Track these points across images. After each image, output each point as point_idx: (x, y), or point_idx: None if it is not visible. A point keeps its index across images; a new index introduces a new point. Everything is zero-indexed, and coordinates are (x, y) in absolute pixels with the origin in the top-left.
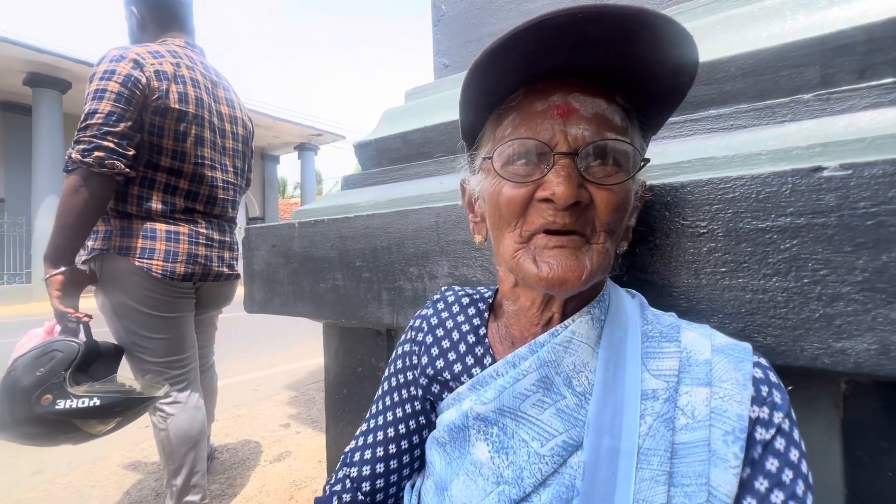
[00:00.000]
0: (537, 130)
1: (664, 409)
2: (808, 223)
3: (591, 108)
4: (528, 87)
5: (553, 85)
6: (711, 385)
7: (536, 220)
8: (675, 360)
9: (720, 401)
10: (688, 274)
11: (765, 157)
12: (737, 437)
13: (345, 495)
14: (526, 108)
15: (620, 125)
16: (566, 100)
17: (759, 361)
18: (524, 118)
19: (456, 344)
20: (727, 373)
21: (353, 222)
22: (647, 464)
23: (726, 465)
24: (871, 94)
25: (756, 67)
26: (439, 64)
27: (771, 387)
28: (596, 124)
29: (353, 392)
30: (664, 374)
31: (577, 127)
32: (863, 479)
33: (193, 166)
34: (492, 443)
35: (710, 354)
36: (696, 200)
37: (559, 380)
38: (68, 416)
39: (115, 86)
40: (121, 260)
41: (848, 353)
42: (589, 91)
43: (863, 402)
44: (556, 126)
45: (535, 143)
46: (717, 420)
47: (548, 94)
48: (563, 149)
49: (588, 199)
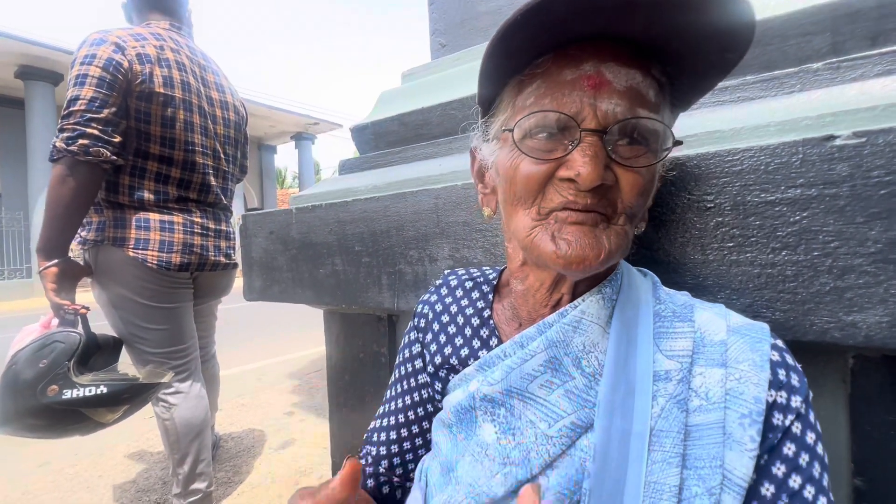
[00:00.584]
0: (563, 102)
1: (677, 391)
2: (819, 194)
3: (625, 81)
4: (557, 52)
5: (585, 51)
6: (727, 366)
7: (556, 199)
8: (689, 340)
9: (736, 382)
10: (694, 249)
11: (773, 129)
12: (754, 420)
13: (368, 469)
14: (554, 75)
15: (654, 101)
16: (599, 69)
17: (776, 343)
18: (550, 87)
19: (462, 328)
20: (743, 353)
21: (352, 206)
22: (660, 446)
23: (742, 449)
24: (884, 61)
25: (763, 37)
26: (436, 44)
27: (788, 369)
28: (629, 99)
29: (356, 378)
30: (677, 354)
31: (608, 101)
32: (869, 452)
33: (184, 153)
34: (498, 424)
35: (726, 335)
36: (702, 174)
37: (568, 360)
38: (76, 405)
39: (96, 70)
40: (115, 251)
41: (859, 326)
42: (624, 60)
43: (870, 377)
44: (584, 98)
45: (561, 116)
46: (733, 402)
47: (579, 62)
48: (591, 125)
49: (613, 180)
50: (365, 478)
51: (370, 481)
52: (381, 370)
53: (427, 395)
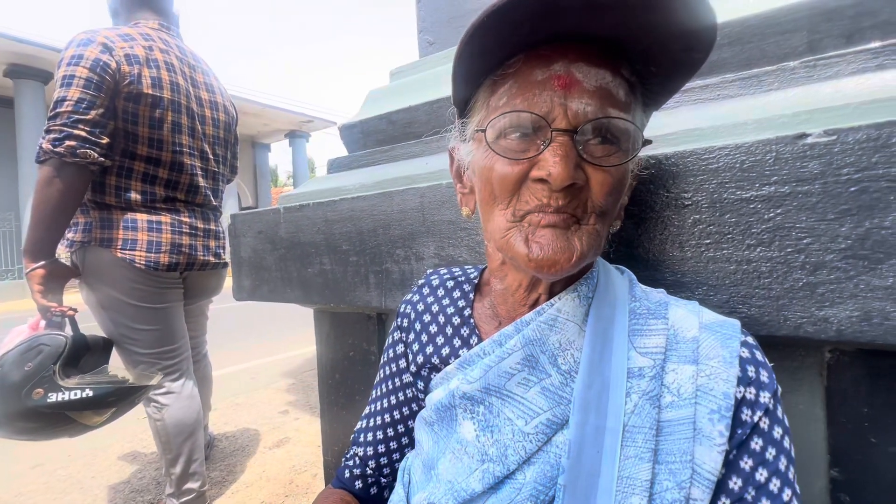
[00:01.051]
0: (534, 102)
1: (650, 387)
2: (792, 191)
3: (595, 81)
4: (529, 52)
5: (556, 51)
6: (698, 363)
7: (531, 201)
8: (662, 337)
9: (706, 379)
10: (672, 246)
11: (751, 126)
12: (722, 415)
13: (356, 470)
14: (525, 75)
15: (624, 100)
16: (569, 69)
17: (745, 340)
18: (521, 87)
19: (443, 327)
20: (714, 350)
21: (339, 206)
22: (632, 441)
23: (711, 444)
24: (858, 60)
25: (743, 35)
26: (423, 42)
27: (758, 366)
28: (599, 99)
29: (346, 377)
30: (651, 351)
31: (578, 101)
32: (846, 445)
33: (172, 154)
34: (478, 421)
35: (698, 331)
36: (680, 172)
37: (544, 358)
38: (61, 408)
39: (83, 71)
40: (103, 252)
41: (830, 321)
42: (594, 60)
43: (846, 371)
44: (555, 98)
45: (532, 116)
46: (703, 398)
47: (550, 62)
48: (561, 125)
49: (584, 180)
50: (353, 479)
51: (358, 482)
52: (371, 368)
53: (412, 395)
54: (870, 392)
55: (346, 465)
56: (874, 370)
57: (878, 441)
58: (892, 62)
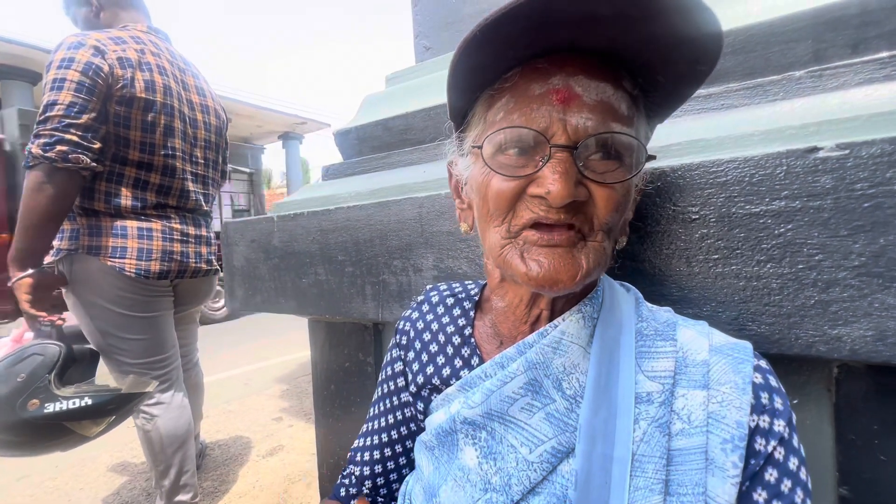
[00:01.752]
0: (532, 118)
1: (659, 414)
2: (804, 206)
3: (596, 94)
4: (525, 66)
5: (554, 64)
6: (709, 388)
7: (525, 215)
8: (671, 360)
9: (718, 406)
10: (679, 262)
11: (757, 138)
12: (736, 445)
13: (352, 489)
14: (522, 90)
15: (626, 114)
16: (567, 83)
17: (759, 364)
18: (519, 102)
19: (443, 347)
20: (725, 375)
21: (334, 215)
22: (642, 471)
23: (724, 475)
24: (865, 70)
25: (747, 44)
26: (420, 47)
27: (772, 392)
28: (600, 113)
29: (342, 388)
30: (659, 375)
31: (578, 115)
32: (854, 461)
33: (163, 158)
34: (480, 448)
35: (708, 354)
36: (687, 185)
37: (548, 382)
38: (60, 418)
39: (74, 74)
40: (91, 260)
41: (843, 339)
42: (594, 73)
43: (855, 386)
44: (554, 113)
45: (530, 132)
46: (715, 426)
47: (548, 76)
48: (560, 140)
49: (586, 196)
50: (349, 497)
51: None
52: (367, 379)
53: (411, 414)
54: (879, 408)
55: (343, 482)
56: (884, 386)
57: (888, 459)
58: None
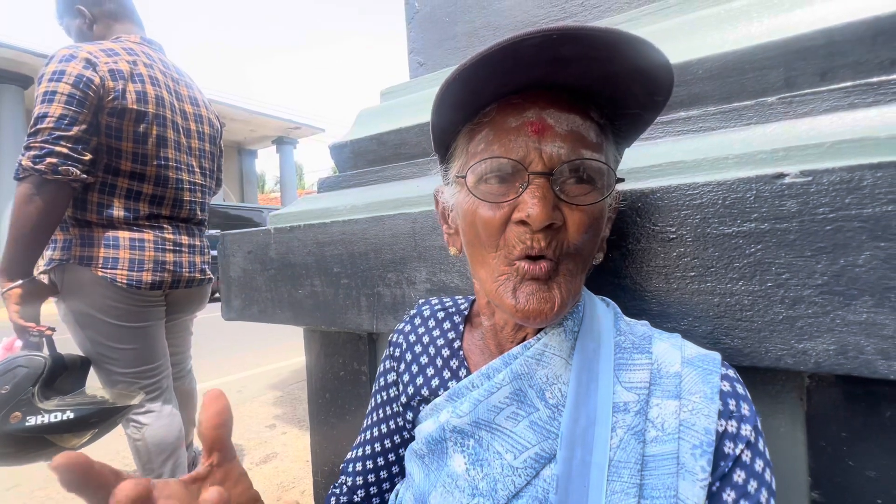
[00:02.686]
0: (511, 148)
1: (635, 422)
2: (772, 228)
3: (566, 125)
4: (502, 101)
5: (527, 100)
6: (681, 398)
7: (518, 245)
8: (647, 371)
9: (689, 414)
10: (659, 278)
11: (731, 161)
12: (704, 450)
13: (342, 498)
14: (499, 123)
15: (595, 142)
16: (540, 116)
17: (726, 374)
18: (497, 134)
19: (433, 359)
20: (696, 385)
21: (330, 228)
22: (618, 476)
23: (694, 479)
24: (832, 98)
25: (723, 70)
26: (414, 63)
27: (739, 399)
28: (571, 141)
29: (336, 396)
30: (636, 386)
31: (551, 144)
32: (825, 468)
33: (156, 168)
34: (468, 455)
35: (680, 366)
36: (665, 206)
37: (532, 392)
38: (40, 432)
39: (65, 87)
40: (82, 270)
41: (809, 353)
42: (564, 106)
43: (825, 396)
44: (530, 143)
45: (510, 161)
46: (686, 433)
47: (522, 110)
48: (538, 168)
49: (562, 220)
50: None
51: None
52: (361, 388)
53: (402, 423)
54: (847, 417)
55: (334, 492)
56: (851, 396)
57: (855, 464)
58: (861, 101)
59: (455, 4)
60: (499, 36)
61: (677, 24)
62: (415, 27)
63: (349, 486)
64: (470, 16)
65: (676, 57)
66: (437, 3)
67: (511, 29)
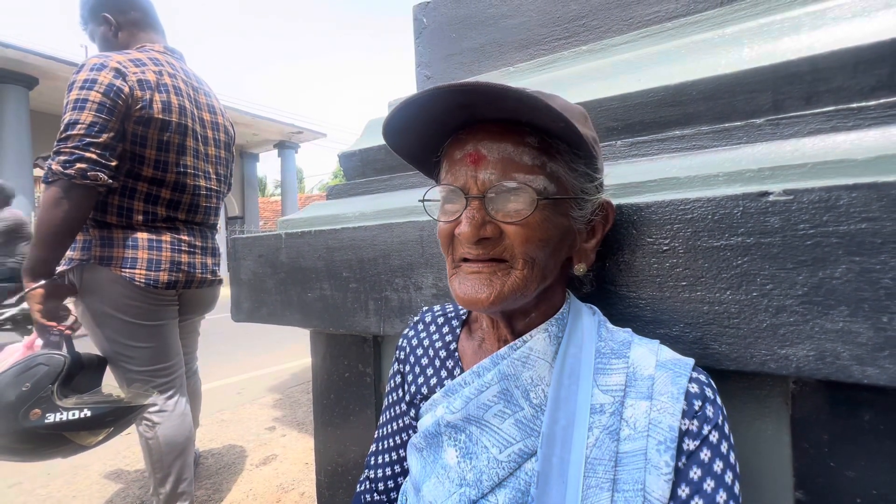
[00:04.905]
0: (457, 177)
1: (610, 422)
2: (757, 242)
3: (498, 153)
4: (453, 137)
5: (469, 133)
6: (652, 398)
7: (458, 250)
8: (622, 375)
9: (657, 413)
10: (652, 287)
11: (721, 179)
12: (668, 446)
13: (366, 495)
14: (450, 156)
15: (529, 164)
16: (476, 147)
17: (696, 377)
18: (449, 165)
19: (432, 360)
20: (665, 387)
21: (340, 234)
22: (594, 473)
23: (659, 473)
24: (815, 121)
25: (716, 91)
26: (421, 76)
27: (705, 401)
28: (502, 168)
29: (341, 397)
30: (611, 389)
31: (484, 171)
32: (809, 469)
33: (176, 175)
34: (460, 448)
35: (654, 369)
36: (659, 220)
37: (518, 392)
38: (59, 429)
39: (96, 95)
40: (102, 270)
41: (790, 359)
42: (497, 137)
43: (809, 400)
44: (469, 172)
45: (455, 189)
46: (654, 431)
47: (464, 143)
48: (473, 192)
49: (495, 232)
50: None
51: None
52: (365, 390)
53: (408, 422)
54: (829, 420)
55: (361, 489)
56: (832, 400)
57: (836, 465)
58: (843, 125)
59: (462, 22)
60: (504, 53)
61: (674, 48)
62: (423, 42)
63: (371, 479)
64: (476, 32)
65: (672, 78)
66: (444, 20)
67: (515, 47)
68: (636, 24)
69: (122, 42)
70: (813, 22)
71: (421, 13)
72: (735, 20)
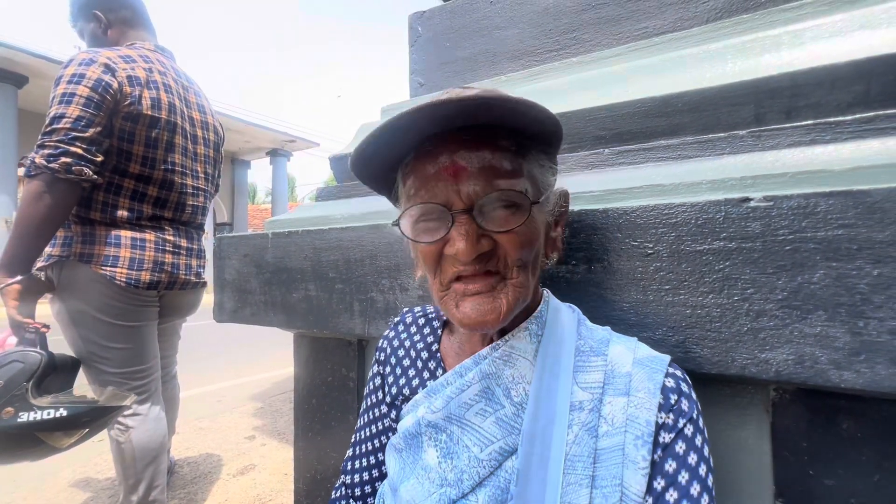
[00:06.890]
0: (435, 193)
1: (589, 419)
2: (738, 247)
3: (478, 162)
4: (417, 150)
5: (438, 145)
6: (629, 395)
7: (449, 270)
8: (601, 372)
9: (634, 409)
10: (637, 290)
11: (705, 186)
12: (644, 440)
13: (342, 501)
14: (420, 171)
15: (510, 169)
16: (452, 159)
17: (672, 372)
18: (421, 181)
19: (414, 361)
20: (642, 383)
21: (328, 234)
22: (573, 469)
23: (636, 467)
24: (795, 134)
25: (701, 104)
26: (415, 83)
27: (680, 395)
28: (485, 177)
29: (323, 402)
30: (590, 386)
31: (467, 184)
32: (788, 477)
33: (163, 172)
34: (440, 449)
35: (631, 366)
36: (644, 224)
37: (499, 391)
38: (32, 428)
39: (84, 90)
40: (81, 267)
41: (770, 363)
42: (472, 145)
43: (788, 408)
44: (449, 187)
45: (435, 206)
46: (631, 426)
47: (436, 157)
48: (459, 207)
49: (492, 245)
50: None
51: None
52: (348, 395)
53: (387, 425)
54: (808, 428)
55: (336, 496)
56: (812, 408)
57: (815, 473)
58: (820, 138)
59: (457, 32)
60: (496, 62)
61: (661, 61)
62: (417, 50)
63: (348, 485)
64: (470, 42)
65: (659, 90)
66: (439, 30)
67: (507, 57)
68: (625, 38)
69: (111, 39)
70: (792, 40)
71: (416, 22)
72: (719, 37)
